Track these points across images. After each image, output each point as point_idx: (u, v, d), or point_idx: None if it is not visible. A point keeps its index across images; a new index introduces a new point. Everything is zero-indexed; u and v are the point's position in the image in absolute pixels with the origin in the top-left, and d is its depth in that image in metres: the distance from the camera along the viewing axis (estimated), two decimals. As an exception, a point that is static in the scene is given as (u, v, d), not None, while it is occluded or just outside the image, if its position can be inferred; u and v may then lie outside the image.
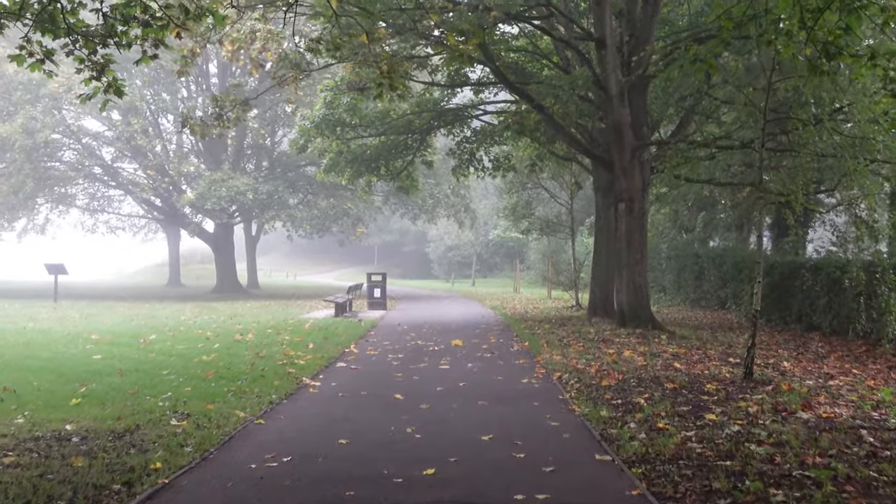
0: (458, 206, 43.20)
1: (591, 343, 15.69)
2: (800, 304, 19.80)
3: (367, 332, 19.16)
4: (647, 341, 15.87)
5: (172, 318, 23.31)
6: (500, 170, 23.92)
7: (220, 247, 42.08)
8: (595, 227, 22.51)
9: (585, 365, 12.66)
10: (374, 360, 13.85)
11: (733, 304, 24.83)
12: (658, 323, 17.57)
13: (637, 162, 17.07)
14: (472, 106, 22.49)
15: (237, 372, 11.91)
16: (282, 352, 14.48)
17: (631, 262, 17.25)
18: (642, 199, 17.21)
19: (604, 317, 21.31)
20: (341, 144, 21.66)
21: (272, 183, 36.49)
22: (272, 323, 21.10)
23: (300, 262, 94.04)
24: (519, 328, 19.61)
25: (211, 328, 19.40)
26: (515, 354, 14.61)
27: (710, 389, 10.39)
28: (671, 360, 13.36)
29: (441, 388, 10.78)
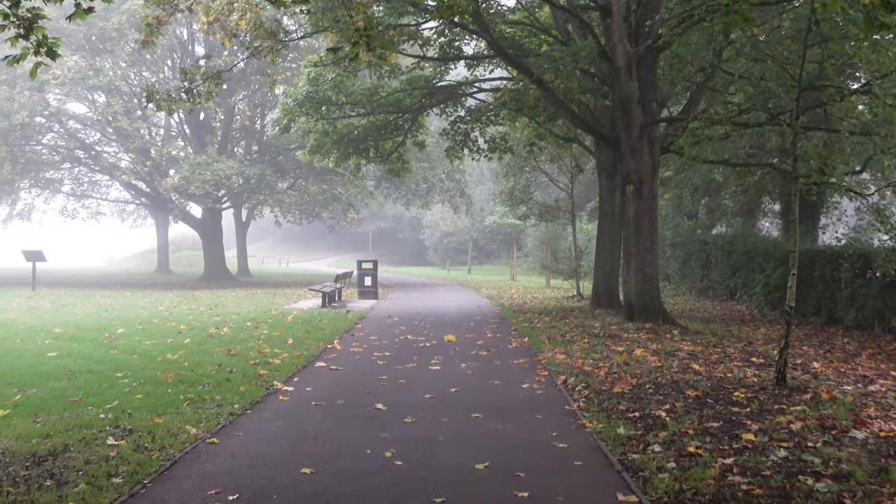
0: (453, 190, 41.76)
1: (596, 339, 14.34)
2: (819, 295, 18.49)
3: (353, 325, 17.80)
4: (659, 337, 14.53)
5: (149, 309, 21.93)
6: (497, 151, 22.48)
7: (207, 233, 40.63)
8: (599, 211, 21.14)
9: (593, 366, 11.31)
10: (358, 359, 12.49)
11: (744, 294, 23.51)
12: (669, 316, 16.22)
13: (646, 140, 15.68)
14: (466, 83, 21.05)
15: (201, 374, 10.54)
16: (257, 349, 13.12)
17: (640, 250, 15.89)
18: (652, 180, 15.83)
19: (608, 308, 19.97)
20: (327, 124, 20.22)
21: (259, 167, 35.00)
22: (253, 314, 19.73)
23: (294, 249, 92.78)
24: (517, 321, 18.27)
25: (187, 320, 18.03)
26: (514, 353, 13.26)
27: (739, 398, 9.04)
28: (688, 360, 12.02)
29: (430, 395, 9.42)
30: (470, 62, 20.39)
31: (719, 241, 25.67)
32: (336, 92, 19.22)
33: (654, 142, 15.79)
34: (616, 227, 20.47)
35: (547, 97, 16.55)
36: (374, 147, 21.93)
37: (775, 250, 21.16)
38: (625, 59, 15.22)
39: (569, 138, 21.81)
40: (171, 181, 31.84)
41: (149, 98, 13.50)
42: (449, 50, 18.77)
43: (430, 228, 68.34)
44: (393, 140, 22.20)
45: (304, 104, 19.07)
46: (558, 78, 16.25)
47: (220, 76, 14.22)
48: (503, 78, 21.09)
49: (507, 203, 29.04)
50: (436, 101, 21.07)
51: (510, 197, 27.43)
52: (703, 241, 27.14)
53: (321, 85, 18.87)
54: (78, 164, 38.80)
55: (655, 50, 15.93)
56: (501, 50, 16.60)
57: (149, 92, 13.46)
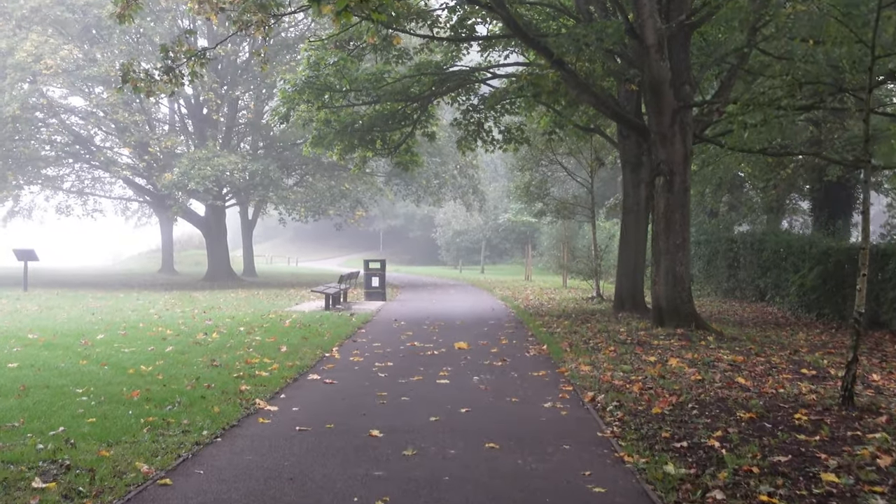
0: (466, 187, 40.25)
1: (624, 347, 12.88)
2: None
3: (356, 330, 16.40)
4: (693, 345, 13.07)
5: (140, 311, 20.57)
6: (512, 143, 21.00)
7: (211, 232, 39.23)
8: (622, 207, 19.65)
9: (624, 380, 9.86)
10: (357, 371, 11.08)
11: (775, 295, 21.97)
12: (702, 321, 14.74)
13: (678, 127, 14.20)
14: (479, 69, 19.58)
15: (174, 390, 9.15)
16: (245, 358, 11.73)
17: (670, 248, 14.41)
18: (684, 171, 14.35)
19: (632, 311, 18.50)
20: (329, 113, 18.81)
21: (262, 162, 33.59)
22: (249, 318, 18.35)
23: (303, 248, 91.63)
24: (534, 325, 16.82)
25: (176, 324, 16.67)
26: (532, 363, 11.82)
27: (802, 422, 7.60)
28: (730, 372, 10.56)
29: (436, 417, 8.00)
30: (483, 45, 18.90)
31: (748, 240, 24.09)
32: (339, 77, 17.80)
33: (686, 128, 14.31)
34: (641, 223, 19.01)
35: (568, 80, 15.07)
36: (381, 138, 20.51)
37: (811, 249, 19.62)
38: (655, 36, 13.75)
39: (589, 128, 20.32)
40: (169, 177, 30.44)
41: (124, 78, 12.13)
42: (461, 29, 17.31)
43: (442, 227, 66.88)
44: (401, 131, 20.77)
45: (304, 91, 17.65)
46: (580, 59, 14.79)
47: (206, 55, 12.81)
48: (519, 63, 19.61)
49: (522, 198, 27.53)
50: (446, 89, 19.63)
51: (526, 192, 25.92)
52: (729, 239, 25.58)
53: (322, 70, 17.46)
54: (75, 159, 37.39)
55: (688, 27, 14.46)
56: (518, 28, 15.13)
57: (124, 71, 12.09)
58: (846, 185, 26.58)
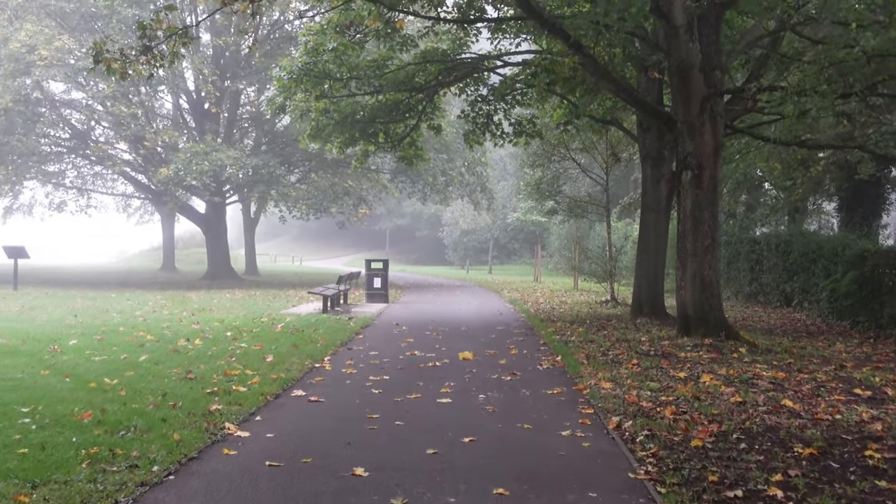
0: (474, 185, 38.90)
1: (648, 360, 11.57)
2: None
3: (353, 335, 15.14)
4: (725, 357, 11.76)
5: (126, 313, 19.33)
6: (524, 136, 19.68)
7: (211, 229, 37.97)
8: (641, 205, 18.34)
9: (653, 402, 8.57)
10: (349, 386, 9.81)
11: (803, 301, 20.62)
12: (733, 330, 13.40)
13: (708, 116, 12.87)
14: (488, 57, 18.27)
15: (134, 410, 7.91)
16: (224, 369, 10.48)
17: (698, 250, 13.09)
18: (714, 165, 13.02)
19: (652, 318, 17.20)
20: (329, 103, 17.54)
21: (262, 157, 32.31)
22: (239, 321, 17.11)
23: (309, 247, 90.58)
24: (546, 332, 15.52)
25: (160, 328, 15.42)
26: (546, 377, 10.53)
27: (876, 461, 6.34)
28: (773, 391, 9.26)
29: (434, 449, 6.72)
30: (493, 29, 17.56)
31: (773, 241, 22.73)
32: (338, 65, 16.53)
33: (717, 118, 12.98)
34: (661, 223, 17.71)
35: (587, 65, 13.74)
36: (384, 131, 19.23)
37: (844, 251, 18.26)
38: (684, 15, 12.43)
39: (606, 120, 18.99)
40: (165, 172, 29.14)
41: (96, 58, 10.88)
42: (468, 11, 16.02)
43: (450, 226, 65.54)
44: (405, 123, 19.48)
45: (301, 79, 16.37)
46: (599, 43, 13.50)
47: (188, 33, 11.56)
48: (531, 51, 18.26)
49: (533, 196, 26.18)
50: (454, 79, 18.33)
51: (537, 190, 24.59)
52: (752, 240, 24.25)
53: (321, 56, 16.19)
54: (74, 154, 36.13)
55: (720, 6, 13.13)
56: (532, 9, 13.83)
57: (96, 51, 10.84)
58: (876, 183, 25.24)
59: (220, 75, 33.61)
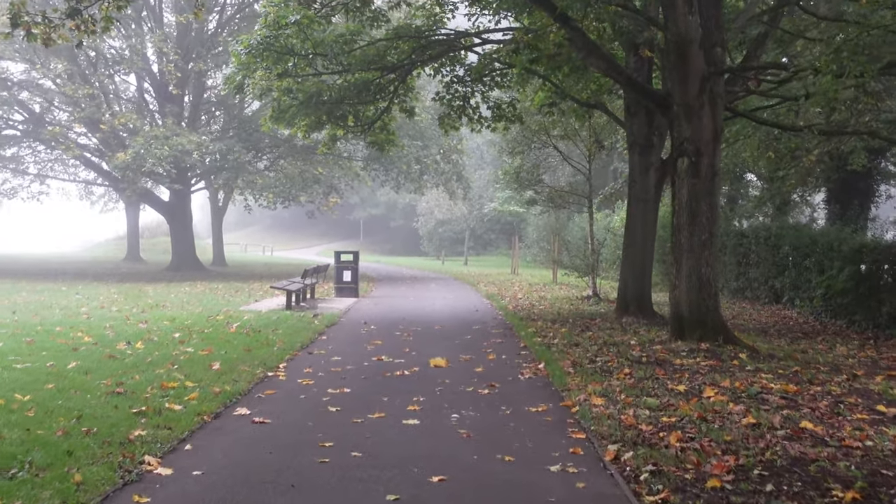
0: (450, 173, 37.53)
1: (641, 368, 10.35)
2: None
3: (316, 336, 13.86)
4: (725, 365, 10.57)
5: (70, 309, 17.86)
6: (503, 121, 18.40)
7: (175, 218, 36.33)
8: (628, 195, 17.12)
9: (653, 424, 7.36)
10: (303, 402, 8.53)
11: (794, 298, 19.53)
12: (731, 333, 12.21)
13: (707, 97, 11.64)
14: (466, 35, 16.96)
15: (36, 439, 6.58)
16: (162, 380, 9.16)
17: (694, 245, 11.88)
18: (714, 151, 11.80)
19: (639, 316, 16.03)
20: (292, 82, 16.16)
21: (227, 142, 30.75)
22: (192, 319, 15.74)
23: (281, 237, 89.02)
24: (526, 333, 14.28)
25: (103, 327, 14.01)
26: (528, 390, 9.30)
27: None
28: (787, 408, 8.09)
29: (395, 495, 5.46)
30: (472, 2, 16.20)
31: (762, 234, 21.58)
32: (302, 40, 15.15)
33: (716, 100, 11.74)
34: (650, 215, 16.53)
35: (574, 40, 12.44)
36: (353, 114, 17.88)
37: (840, 246, 17.17)
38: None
39: (591, 104, 17.74)
40: (122, 157, 27.50)
41: (14, 22, 9.47)
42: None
43: (425, 216, 64.16)
44: (375, 105, 18.14)
45: (262, 54, 14.98)
46: (588, 16, 12.24)
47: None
48: (512, 29, 16.94)
49: (511, 185, 24.91)
50: (428, 58, 17.01)
51: (516, 179, 23.31)
52: (740, 233, 23.13)
53: (282, 30, 14.80)
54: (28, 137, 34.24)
55: (721, -24, 11.94)
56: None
57: (13, 12, 9.43)
58: (866, 175, 24.26)
59: (184, 56, 31.98)
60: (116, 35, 31.62)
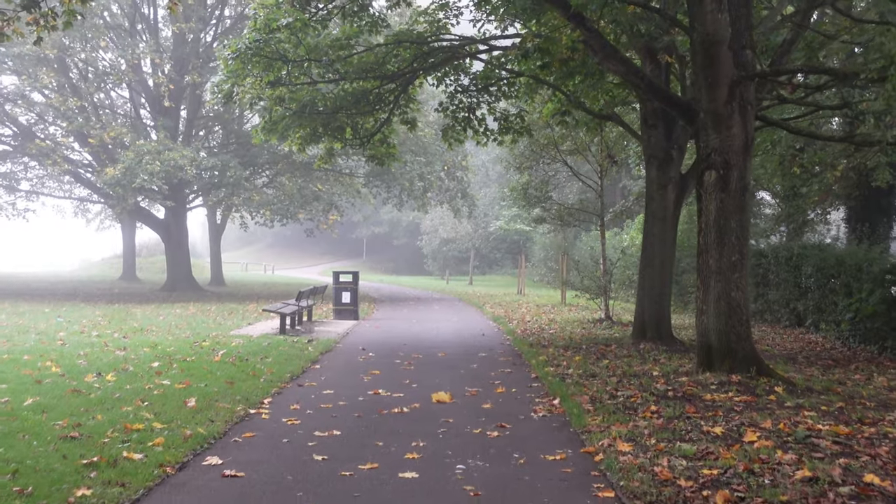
0: (454, 191, 36.44)
1: (669, 405, 9.20)
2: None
3: (309, 365, 12.74)
4: (762, 401, 9.41)
5: (48, 333, 16.69)
6: (511, 133, 17.33)
7: (171, 237, 35.21)
8: (645, 213, 16.00)
9: (694, 478, 6.23)
10: (284, 448, 7.40)
11: (819, 321, 18.37)
12: (764, 364, 11.05)
13: (737, 104, 10.56)
14: (471, 42, 15.92)
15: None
16: (127, 419, 8.05)
17: (723, 267, 10.76)
18: (744, 163, 10.70)
19: (658, 342, 14.89)
20: (285, 90, 15.12)
21: (221, 157, 29.66)
22: (176, 345, 14.61)
23: (283, 255, 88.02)
24: (537, 361, 13.14)
25: (76, 355, 12.86)
26: (543, 432, 8.16)
27: None
28: (843, 455, 6.93)
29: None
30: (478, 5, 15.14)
31: (782, 254, 20.47)
32: (294, 44, 14.13)
33: (747, 107, 10.66)
34: (668, 233, 15.42)
35: (590, 41, 11.37)
36: (351, 126, 16.82)
37: (870, 266, 16.03)
38: (712, -23, 10.16)
39: (604, 116, 16.68)
40: (111, 172, 26.42)
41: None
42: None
43: (429, 234, 63.06)
44: (375, 117, 17.10)
45: (250, 58, 13.94)
46: (605, 16, 11.19)
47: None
48: (520, 35, 15.88)
49: (519, 202, 23.78)
50: (430, 66, 15.98)
51: (523, 195, 22.18)
52: (758, 253, 21.99)
53: (273, 33, 13.76)
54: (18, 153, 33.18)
55: (752, -30, 10.88)
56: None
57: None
58: (889, 192, 23.15)
59: (179, 68, 30.97)
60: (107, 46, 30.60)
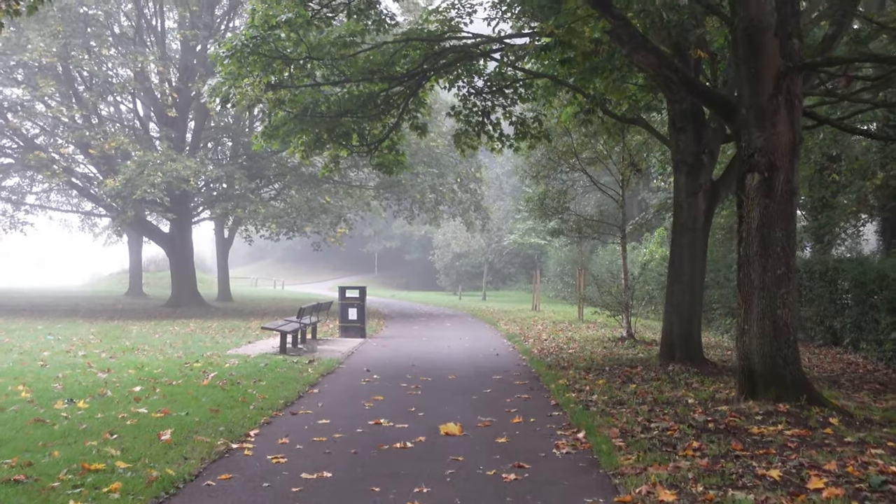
0: (467, 203, 35.28)
1: (712, 440, 8.00)
2: None
3: (307, 389, 11.62)
4: (817, 435, 8.20)
5: (31, 353, 15.59)
6: (528, 138, 16.21)
7: (176, 250, 34.20)
8: (673, 223, 14.83)
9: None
10: (263, 495, 6.27)
11: (858, 340, 17.13)
12: (815, 392, 9.85)
13: (783, 99, 9.42)
14: (487, 40, 14.82)
15: None
16: (88, 457, 6.94)
17: (768, 282, 9.58)
18: (791, 165, 9.55)
19: (686, 364, 13.68)
20: (284, 92, 14.06)
21: (225, 168, 28.63)
22: (165, 366, 13.52)
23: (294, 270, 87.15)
24: (557, 386, 11.93)
25: (53, 378, 11.76)
26: (568, 474, 6.98)
27: None
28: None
29: None
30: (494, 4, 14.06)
31: (816, 269, 19.23)
32: (294, 42, 13.09)
33: (794, 102, 9.51)
34: (698, 245, 14.23)
35: (617, 31, 10.23)
36: (357, 131, 15.75)
37: (918, 281, 14.84)
38: (756, -44, 9.05)
39: (629, 119, 15.53)
40: (111, 183, 25.44)
41: None
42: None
43: (441, 249, 61.93)
44: (382, 122, 16.03)
45: (246, 57, 12.90)
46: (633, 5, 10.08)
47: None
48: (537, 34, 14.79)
49: (535, 214, 22.60)
50: (442, 66, 14.90)
51: (540, 207, 21.01)
52: (790, 267, 20.71)
53: (272, 31, 12.72)
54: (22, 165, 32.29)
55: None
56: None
57: None
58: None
59: (185, 77, 30.04)
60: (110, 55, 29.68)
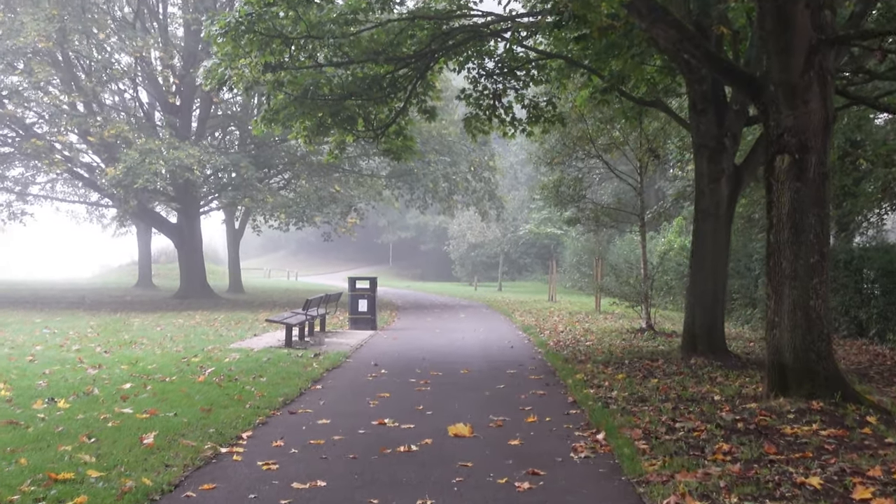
0: (481, 192, 34.55)
1: (742, 441, 7.31)
2: None
3: (310, 385, 11.00)
4: (855, 435, 7.52)
5: (23, 347, 15.00)
6: (541, 122, 15.53)
7: (184, 241, 33.66)
8: (695, 210, 14.09)
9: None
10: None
11: (885, 331, 16.41)
12: (850, 388, 9.14)
13: (815, 74, 8.69)
14: (499, 19, 14.11)
15: None
16: (57, 465, 6.34)
17: (799, 271, 8.87)
18: (823, 146, 8.82)
19: (709, 357, 12.98)
20: (283, 73, 13.41)
21: (230, 156, 28.01)
22: (161, 360, 12.90)
23: (308, 261, 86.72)
24: (574, 381, 11.26)
25: (37, 374, 11.12)
26: (587, 482, 6.31)
27: None
28: None
29: None
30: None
31: (841, 257, 18.48)
32: (293, 21, 12.42)
33: (826, 78, 8.77)
34: (721, 232, 13.52)
35: (637, 3, 9.50)
36: (363, 116, 15.09)
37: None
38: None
39: (647, 102, 14.82)
40: (112, 172, 24.84)
41: None
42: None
43: (456, 239, 61.26)
44: (389, 106, 15.36)
45: (243, 37, 12.25)
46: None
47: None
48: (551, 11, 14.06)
49: (551, 202, 21.89)
50: (451, 47, 14.21)
51: (555, 194, 20.28)
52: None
53: (270, 7, 12.06)
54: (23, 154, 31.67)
55: None
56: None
57: None
58: None
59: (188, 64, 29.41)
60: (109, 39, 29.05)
